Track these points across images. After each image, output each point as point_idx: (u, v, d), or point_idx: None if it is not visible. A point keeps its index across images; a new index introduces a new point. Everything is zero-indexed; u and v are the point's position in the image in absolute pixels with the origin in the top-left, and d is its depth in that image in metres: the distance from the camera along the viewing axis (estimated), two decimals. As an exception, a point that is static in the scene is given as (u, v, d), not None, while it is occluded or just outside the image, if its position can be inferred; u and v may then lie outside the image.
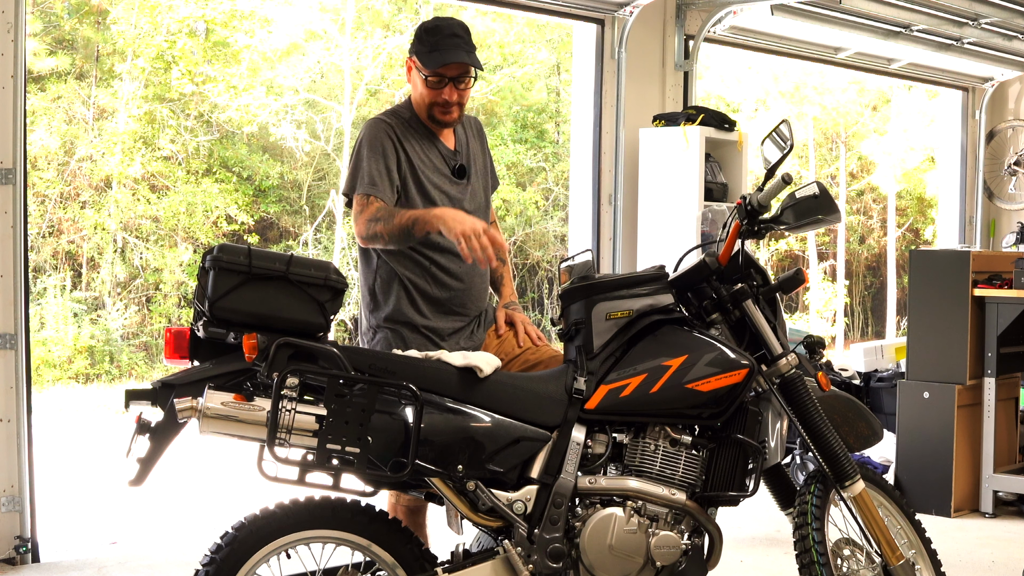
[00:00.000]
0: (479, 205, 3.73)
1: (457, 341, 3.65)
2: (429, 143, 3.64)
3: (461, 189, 3.67)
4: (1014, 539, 5.80)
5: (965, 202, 10.38)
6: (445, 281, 3.64)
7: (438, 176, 3.62)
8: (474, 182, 3.72)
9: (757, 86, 18.68)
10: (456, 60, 3.50)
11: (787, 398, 3.32)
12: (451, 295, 3.65)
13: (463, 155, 3.72)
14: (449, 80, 3.54)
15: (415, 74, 3.58)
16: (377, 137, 3.56)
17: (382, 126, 3.59)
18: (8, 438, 4.99)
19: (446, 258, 3.63)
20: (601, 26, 7.22)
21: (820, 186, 3.33)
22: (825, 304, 20.26)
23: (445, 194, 3.62)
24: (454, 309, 3.66)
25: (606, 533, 3.10)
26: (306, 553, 3.05)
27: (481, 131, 3.84)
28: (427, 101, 3.58)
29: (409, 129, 3.62)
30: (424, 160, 3.61)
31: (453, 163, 3.67)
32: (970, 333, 6.24)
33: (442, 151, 3.66)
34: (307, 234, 15.74)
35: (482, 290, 3.77)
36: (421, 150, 3.62)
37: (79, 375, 13.43)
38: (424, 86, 3.56)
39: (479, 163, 3.77)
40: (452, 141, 3.70)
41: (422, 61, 3.54)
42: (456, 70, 3.53)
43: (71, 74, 14.44)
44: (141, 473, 2.87)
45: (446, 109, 3.58)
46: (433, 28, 3.56)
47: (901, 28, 8.26)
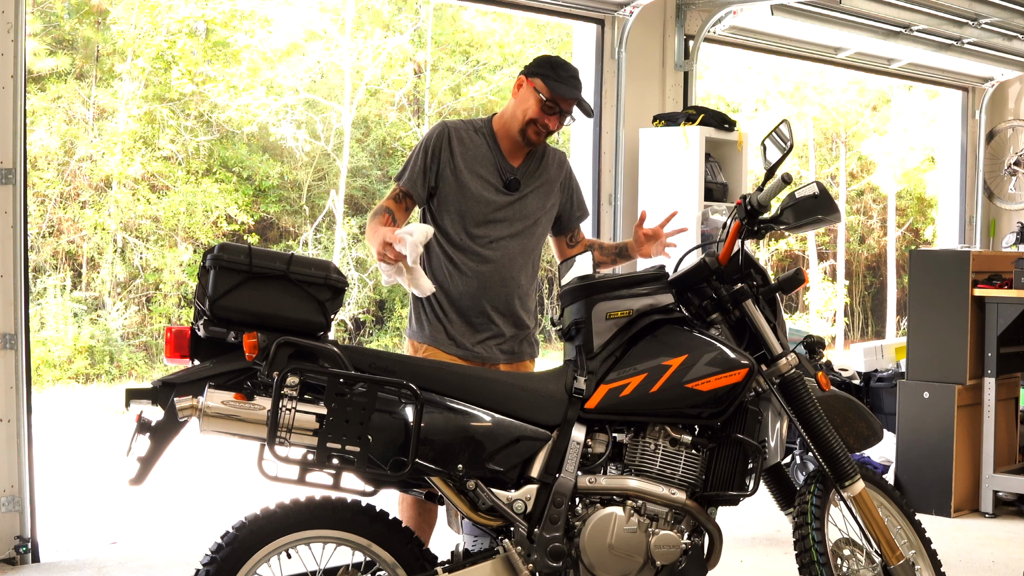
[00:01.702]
0: (526, 220, 3.97)
1: (488, 347, 3.94)
2: (489, 153, 3.95)
3: (506, 200, 3.94)
4: (1014, 539, 5.80)
5: (965, 202, 10.38)
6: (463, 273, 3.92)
7: (483, 183, 3.91)
8: (530, 200, 3.98)
9: (757, 86, 18.69)
10: (578, 98, 3.89)
11: (787, 398, 3.32)
12: (464, 292, 3.90)
13: (526, 176, 3.98)
14: (560, 111, 3.87)
15: (527, 91, 3.90)
16: (430, 138, 3.94)
17: (440, 128, 3.96)
18: (8, 438, 4.99)
19: (460, 255, 3.92)
20: (601, 26, 7.22)
21: (820, 186, 3.33)
22: (825, 304, 20.26)
23: (482, 196, 3.91)
24: (470, 311, 3.92)
25: (606, 532, 3.11)
26: (306, 553, 3.05)
27: (564, 163, 4.12)
28: (529, 118, 3.89)
29: (473, 136, 3.95)
30: (475, 164, 3.92)
31: (508, 177, 3.94)
32: (970, 333, 6.24)
33: (500, 164, 3.95)
34: (307, 234, 15.75)
35: (501, 296, 3.95)
36: (476, 155, 3.93)
37: (79, 375, 13.43)
38: (538, 106, 3.87)
39: (547, 188, 4.03)
40: (519, 161, 3.99)
41: (549, 85, 3.86)
42: (570, 105, 3.89)
43: (71, 74, 14.44)
44: (141, 472, 2.87)
45: (540, 131, 3.90)
46: (562, 64, 3.93)
47: (901, 28, 8.26)
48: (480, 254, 3.90)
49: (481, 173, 3.92)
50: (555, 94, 3.84)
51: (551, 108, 3.86)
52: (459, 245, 3.91)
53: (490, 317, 3.93)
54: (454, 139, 3.92)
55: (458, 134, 3.93)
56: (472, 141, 3.94)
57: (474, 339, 3.92)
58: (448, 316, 3.92)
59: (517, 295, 3.98)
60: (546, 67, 3.89)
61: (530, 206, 3.98)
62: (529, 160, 4.01)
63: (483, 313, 3.92)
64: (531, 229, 4.00)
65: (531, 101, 3.87)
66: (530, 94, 3.88)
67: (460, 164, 3.90)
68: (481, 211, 3.91)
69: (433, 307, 3.95)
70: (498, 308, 3.93)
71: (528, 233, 3.99)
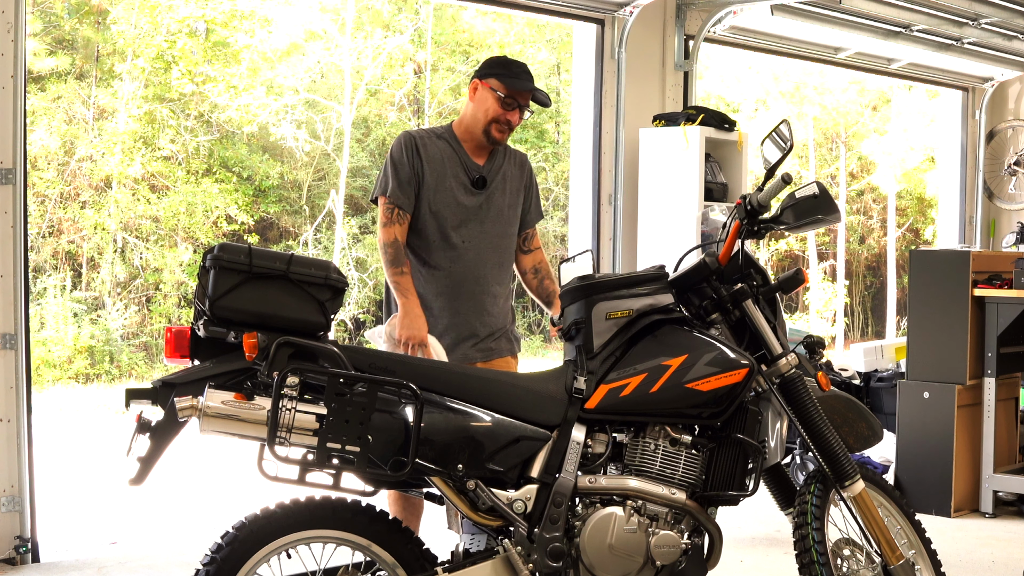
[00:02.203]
0: (494, 215, 4.13)
1: (464, 349, 4.06)
2: (454, 156, 4.11)
3: (476, 199, 4.10)
4: (1014, 539, 5.80)
5: (965, 202, 10.38)
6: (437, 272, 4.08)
7: (453, 184, 4.07)
8: (497, 198, 4.14)
9: (757, 86, 18.69)
10: (534, 90, 4.05)
11: (787, 398, 3.32)
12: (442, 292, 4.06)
13: (491, 172, 4.14)
14: (519, 105, 4.06)
15: (484, 92, 4.08)
16: (401, 149, 4.09)
17: (406, 139, 4.11)
18: (8, 438, 4.99)
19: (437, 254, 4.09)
20: (601, 26, 7.22)
21: (820, 186, 3.33)
22: (825, 304, 20.26)
23: (457, 200, 4.07)
24: (444, 312, 4.05)
25: (606, 532, 3.11)
26: (306, 553, 3.05)
27: (524, 164, 4.28)
28: (491, 117, 4.07)
29: (436, 143, 4.11)
30: (442, 168, 4.07)
31: (474, 175, 4.10)
32: (970, 333, 6.24)
33: (467, 164, 4.11)
34: (307, 234, 15.75)
35: (475, 293, 4.07)
36: (441, 160, 4.09)
37: (79, 375, 13.43)
38: (497, 104, 4.05)
39: (511, 185, 4.20)
40: (483, 159, 4.15)
41: (504, 83, 4.04)
42: (527, 99, 4.07)
43: (71, 74, 14.44)
44: (141, 472, 2.87)
45: (503, 128, 4.08)
46: (513, 62, 4.12)
47: (901, 28, 8.26)
48: (453, 255, 4.04)
49: (449, 175, 4.08)
50: (512, 89, 4.02)
51: (510, 104, 4.04)
52: (432, 247, 4.08)
53: (465, 317, 4.06)
54: (420, 146, 4.09)
55: (422, 141, 4.11)
56: (436, 147, 4.11)
57: (449, 339, 4.04)
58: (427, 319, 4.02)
59: (491, 293, 4.11)
60: (498, 67, 4.09)
61: (498, 203, 4.15)
62: (492, 159, 4.18)
63: (457, 313, 4.05)
64: (502, 228, 4.15)
65: (490, 101, 4.05)
66: (488, 94, 4.06)
67: (429, 169, 4.07)
68: (454, 211, 4.07)
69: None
70: (472, 307, 4.06)
71: (500, 232, 4.14)
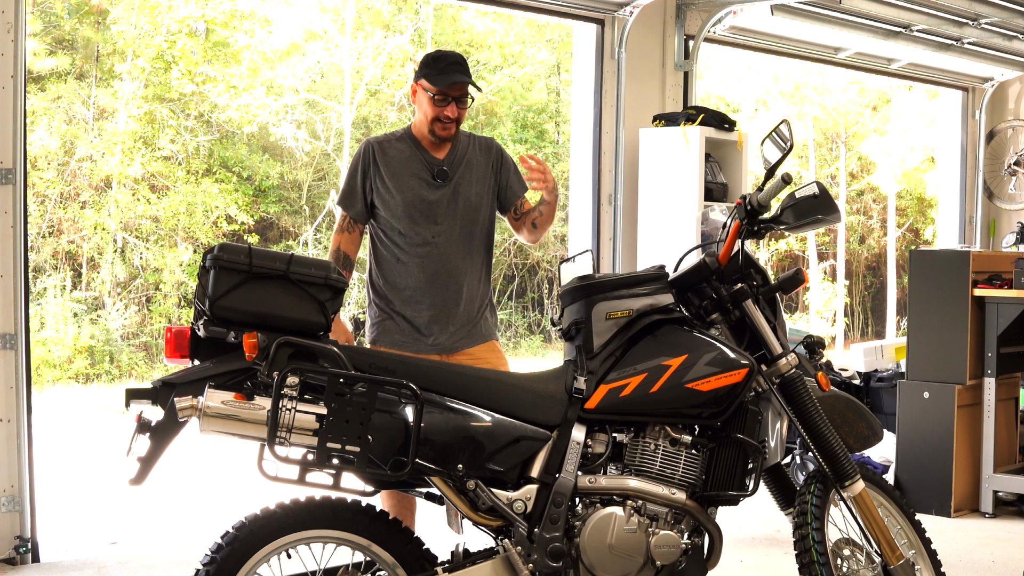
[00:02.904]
0: (461, 206, 4.19)
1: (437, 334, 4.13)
2: (414, 154, 4.19)
3: (440, 192, 4.16)
4: (1014, 539, 5.80)
5: (965, 202, 10.38)
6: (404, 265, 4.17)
7: (413, 179, 4.16)
8: (463, 187, 4.20)
9: (757, 86, 18.68)
10: (460, 81, 4.08)
11: (787, 398, 3.32)
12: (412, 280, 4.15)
13: (452, 164, 4.19)
14: (452, 99, 4.09)
15: (421, 95, 4.14)
16: (356, 157, 4.23)
17: (364, 147, 4.24)
18: (8, 438, 4.99)
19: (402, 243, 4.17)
20: (601, 26, 7.22)
21: (820, 186, 3.33)
22: (825, 304, 20.25)
23: (415, 194, 4.14)
24: (421, 305, 4.13)
25: (606, 532, 3.11)
26: (306, 553, 3.05)
27: (491, 146, 4.33)
28: (430, 117, 4.13)
29: (395, 145, 4.21)
30: (402, 168, 4.16)
31: (435, 169, 4.16)
32: (970, 333, 6.24)
33: (427, 160, 4.18)
34: (307, 234, 15.75)
35: (449, 285, 4.16)
36: (401, 161, 4.17)
37: (79, 375, 13.42)
38: (431, 104, 4.10)
39: (477, 172, 4.23)
40: (443, 152, 4.21)
41: (431, 82, 4.09)
42: (458, 90, 4.10)
43: (71, 74, 14.44)
44: (141, 472, 2.87)
45: (446, 124, 4.12)
46: (439, 57, 4.15)
47: (901, 28, 8.26)
48: (425, 250, 4.14)
49: (409, 173, 4.17)
50: (439, 87, 4.07)
51: (443, 100, 4.09)
52: (404, 243, 4.15)
53: (442, 308, 4.13)
54: (377, 151, 4.19)
55: (381, 147, 4.21)
56: (395, 148, 4.20)
57: (432, 333, 4.12)
58: (402, 314, 4.14)
59: (467, 283, 4.18)
60: (426, 66, 4.15)
61: (464, 192, 4.20)
62: (454, 151, 4.23)
63: (434, 305, 4.13)
64: (471, 215, 4.20)
65: (425, 101, 4.13)
66: (422, 95, 4.14)
67: (389, 171, 4.16)
68: (419, 208, 4.14)
69: (383, 308, 4.18)
70: (448, 298, 4.14)
71: (471, 219, 4.20)
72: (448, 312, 4.13)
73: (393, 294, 4.15)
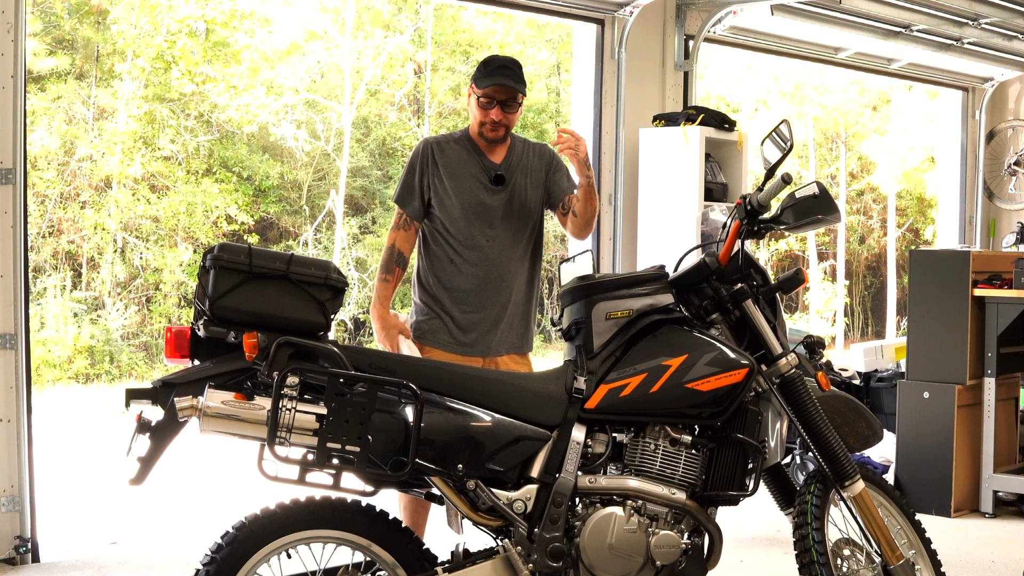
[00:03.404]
0: (517, 210, 4.23)
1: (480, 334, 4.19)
2: (471, 157, 4.22)
3: (497, 196, 4.19)
4: (1014, 539, 5.80)
5: (965, 202, 10.37)
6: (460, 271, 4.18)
7: (471, 182, 4.18)
8: (519, 193, 4.22)
9: (757, 86, 18.68)
10: (501, 83, 4.11)
11: (787, 398, 3.32)
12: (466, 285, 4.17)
13: (509, 168, 4.22)
14: (498, 102, 4.11)
15: (471, 97, 4.19)
16: (414, 155, 4.25)
17: (422, 145, 4.26)
18: (8, 438, 4.99)
19: (461, 251, 4.18)
20: (601, 26, 7.22)
21: (820, 186, 3.33)
22: (825, 304, 20.26)
23: (474, 197, 4.16)
24: (471, 308, 4.17)
25: (606, 532, 3.11)
26: (306, 553, 3.05)
27: (544, 152, 4.35)
28: (478, 120, 4.17)
29: (453, 147, 4.23)
30: (460, 170, 4.18)
31: (492, 173, 4.19)
32: (970, 333, 6.24)
33: (485, 164, 4.21)
34: (307, 234, 15.75)
35: (499, 289, 4.19)
36: (459, 163, 4.20)
37: (79, 375, 13.42)
38: (477, 106, 4.16)
39: (533, 177, 4.26)
40: (500, 157, 4.24)
41: (477, 84, 4.15)
42: (504, 94, 4.11)
43: (71, 74, 14.44)
44: (141, 472, 2.87)
45: (494, 127, 4.15)
46: (490, 60, 4.20)
47: (901, 28, 8.26)
48: (479, 255, 4.12)
49: (468, 175, 4.18)
50: (481, 89, 4.12)
51: (487, 103, 4.12)
52: (457, 244, 4.13)
53: (489, 311, 4.14)
54: (436, 151, 4.21)
55: (439, 146, 4.23)
56: (452, 150, 4.21)
57: (478, 335, 4.14)
58: (451, 315, 4.14)
59: (515, 288, 4.19)
60: (477, 69, 4.19)
61: (519, 198, 4.23)
62: (510, 156, 4.25)
63: (482, 307, 4.14)
64: (524, 222, 4.22)
65: (473, 104, 4.19)
66: (472, 99, 4.19)
67: (447, 172, 4.18)
68: (476, 210, 4.15)
69: (431, 307, 4.17)
70: (497, 302, 4.15)
71: (522, 226, 4.21)
72: (495, 316, 4.17)
73: (443, 294, 4.17)
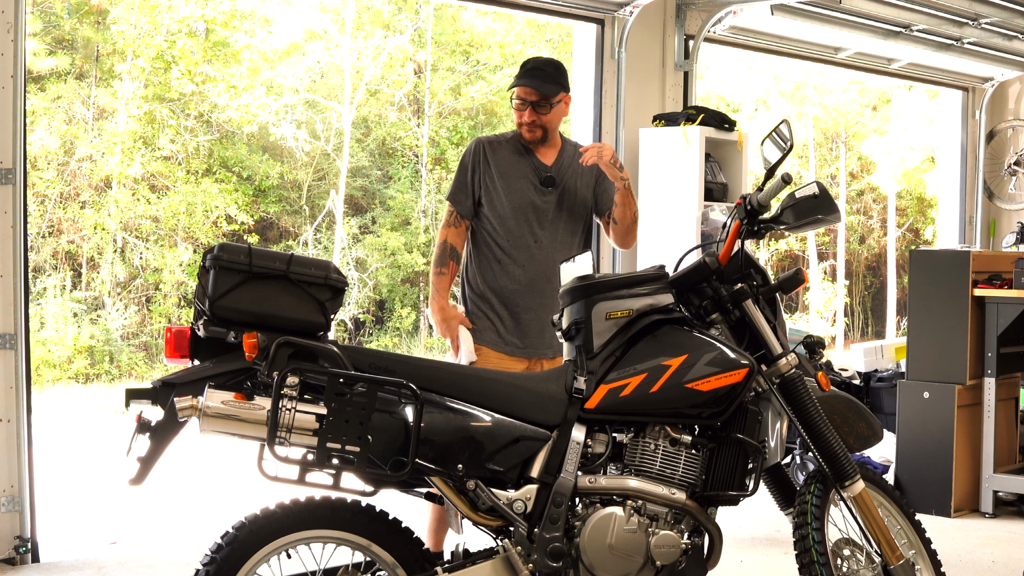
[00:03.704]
0: (566, 212, 4.28)
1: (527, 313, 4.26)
2: (521, 158, 4.27)
3: (547, 198, 4.25)
4: (1014, 539, 5.80)
5: (965, 202, 10.37)
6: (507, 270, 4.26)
7: (522, 182, 4.24)
8: (568, 196, 4.29)
9: (757, 86, 18.69)
10: (526, 85, 4.17)
11: (787, 398, 3.32)
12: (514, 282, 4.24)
13: (559, 171, 4.28)
14: (529, 104, 4.18)
15: (513, 100, 4.27)
16: (466, 154, 4.32)
17: (474, 145, 4.33)
18: (8, 438, 4.99)
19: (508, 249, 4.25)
20: (601, 26, 7.22)
21: (820, 186, 3.33)
22: (825, 304, 20.26)
23: (525, 197, 4.23)
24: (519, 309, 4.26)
25: (606, 532, 3.10)
26: (306, 553, 3.05)
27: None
28: (517, 121, 4.26)
29: (504, 147, 4.30)
30: (511, 170, 4.24)
31: (543, 175, 4.25)
32: (970, 333, 6.24)
33: (535, 164, 4.27)
34: (307, 234, 15.75)
35: (546, 291, 4.24)
36: (510, 163, 4.26)
37: (79, 375, 13.43)
38: (515, 109, 4.25)
39: (583, 180, 4.31)
40: (551, 159, 4.30)
41: (511, 86, 4.24)
42: (533, 95, 4.18)
43: (71, 74, 14.44)
44: (141, 472, 2.87)
45: (530, 129, 4.22)
46: (526, 61, 4.27)
47: (901, 28, 8.26)
48: (527, 255, 4.20)
49: (519, 175, 4.25)
50: (509, 89, 4.24)
51: (519, 104, 4.20)
52: (505, 245, 4.25)
53: (536, 313, 4.22)
54: (488, 151, 4.27)
55: (491, 146, 4.29)
56: (504, 150, 4.28)
57: (525, 336, 4.23)
58: (499, 315, 4.24)
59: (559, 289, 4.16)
60: (517, 72, 4.26)
61: (568, 200, 4.26)
62: (561, 157, 4.32)
63: (530, 309, 4.22)
64: (574, 224, 4.29)
65: (513, 107, 4.26)
66: (513, 101, 4.26)
67: (499, 171, 4.25)
68: (526, 211, 4.23)
69: (483, 308, 4.26)
70: (544, 303, 4.22)
71: (572, 229, 4.29)
72: (542, 317, 4.21)
73: (491, 294, 4.24)
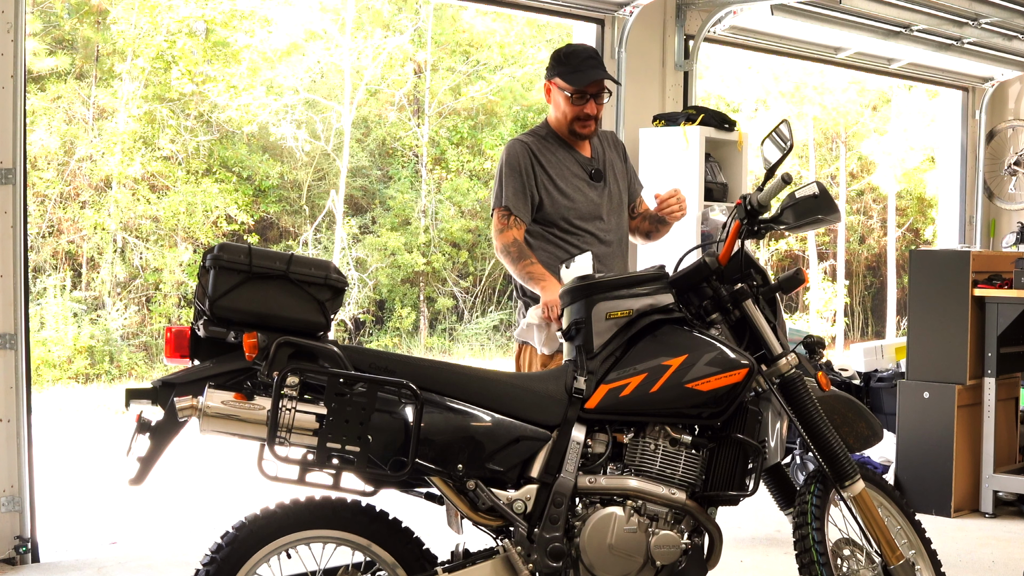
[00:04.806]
0: (616, 204, 4.21)
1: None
2: (566, 153, 4.16)
3: (599, 191, 4.17)
4: (1014, 539, 5.80)
5: (965, 202, 10.37)
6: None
7: (577, 180, 4.14)
8: (611, 185, 4.20)
9: (757, 86, 18.69)
10: (598, 78, 4.01)
11: (787, 398, 3.32)
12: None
13: (599, 162, 4.20)
14: (590, 96, 4.04)
15: (556, 93, 4.09)
16: (515, 157, 4.12)
17: (519, 146, 4.13)
18: (8, 438, 4.99)
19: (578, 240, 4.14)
20: (601, 26, 7.22)
21: (820, 186, 3.33)
22: (825, 304, 20.26)
23: (584, 195, 4.13)
24: None
25: (606, 532, 3.10)
26: (306, 553, 3.05)
27: (617, 142, 4.32)
28: (570, 117, 4.08)
29: (546, 144, 4.15)
30: (563, 169, 4.13)
31: (590, 169, 4.17)
32: (970, 333, 6.23)
33: (579, 159, 4.17)
34: (307, 234, 15.75)
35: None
36: (558, 161, 4.14)
37: (79, 375, 13.43)
38: (568, 103, 4.06)
39: (617, 169, 4.25)
40: (588, 151, 4.20)
41: (567, 80, 4.04)
42: (596, 87, 4.04)
43: (71, 74, 14.45)
44: (141, 472, 2.87)
45: (585, 123, 4.09)
46: (572, 52, 4.09)
47: (901, 28, 8.26)
48: (594, 250, 4.09)
49: (571, 174, 4.15)
50: (577, 85, 4.02)
51: (580, 98, 4.03)
52: (570, 245, 4.13)
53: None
54: (536, 151, 4.12)
55: (537, 146, 4.13)
56: (548, 148, 4.15)
57: None
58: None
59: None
60: (559, 63, 4.07)
61: (615, 190, 4.22)
62: (595, 149, 4.22)
63: None
64: (622, 216, 4.25)
65: (562, 101, 4.07)
66: (558, 94, 4.07)
67: (552, 172, 4.11)
68: (582, 209, 4.13)
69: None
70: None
71: (621, 221, 4.24)
72: None
73: None
